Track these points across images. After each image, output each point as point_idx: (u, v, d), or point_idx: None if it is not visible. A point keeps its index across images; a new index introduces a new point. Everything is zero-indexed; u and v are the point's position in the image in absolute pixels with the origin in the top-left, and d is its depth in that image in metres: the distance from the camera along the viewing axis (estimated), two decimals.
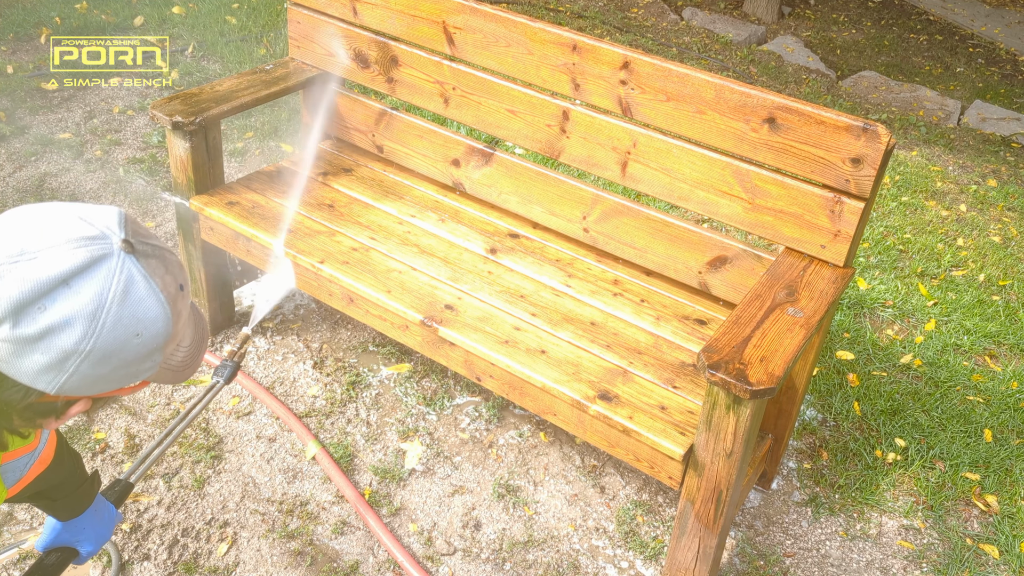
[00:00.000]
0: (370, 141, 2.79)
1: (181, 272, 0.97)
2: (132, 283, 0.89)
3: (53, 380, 0.88)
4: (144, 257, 0.91)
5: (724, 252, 2.23)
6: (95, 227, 0.89)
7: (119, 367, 0.91)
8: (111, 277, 0.88)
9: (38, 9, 4.79)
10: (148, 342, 0.92)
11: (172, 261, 0.95)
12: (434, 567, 2.21)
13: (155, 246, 0.93)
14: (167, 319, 0.92)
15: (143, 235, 0.93)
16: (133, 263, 0.89)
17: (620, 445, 1.99)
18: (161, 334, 0.92)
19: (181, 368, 1.03)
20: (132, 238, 0.91)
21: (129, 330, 0.89)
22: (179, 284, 0.95)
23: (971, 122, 5.57)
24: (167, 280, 0.93)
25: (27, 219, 0.89)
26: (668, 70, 2.12)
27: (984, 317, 3.34)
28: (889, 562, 2.36)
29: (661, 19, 6.47)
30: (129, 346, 0.90)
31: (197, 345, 1.05)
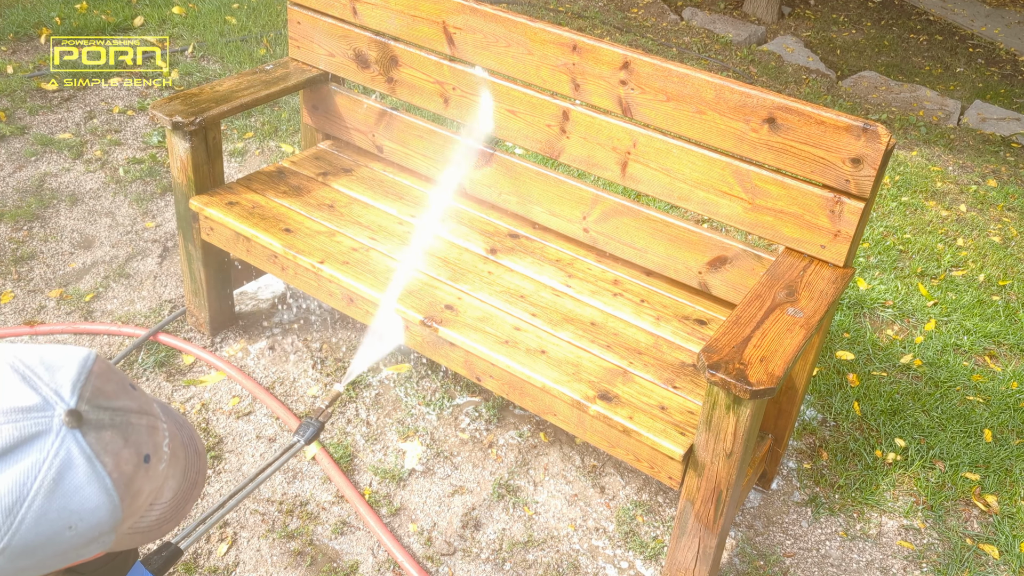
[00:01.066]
0: (370, 141, 2.79)
1: (150, 439, 0.80)
2: (68, 468, 0.73)
3: None
4: (96, 430, 0.75)
5: (724, 252, 2.23)
6: (37, 392, 0.74)
7: (48, 558, 0.75)
8: (41, 463, 0.72)
9: (38, 9, 4.79)
10: (86, 532, 0.75)
11: (138, 428, 0.79)
12: (434, 567, 2.21)
13: (117, 411, 0.77)
14: (113, 507, 0.76)
15: (106, 396, 0.77)
16: (76, 441, 0.73)
17: (620, 445, 1.99)
18: (104, 523, 0.76)
19: (157, 525, 0.86)
20: (86, 404, 0.75)
21: (58, 523, 0.73)
22: (143, 455, 0.79)
23: (971, 122, 5.57)
24: (124, 456, 0.76)
25: None
26: (668, 70, 2.12)
27: (984, 317, 3.34)
28: (889, 562, 2.36)
29: (661, 19, 6.47)
30: (59, 539, 0.74)
31: (184, 494, 0.89)
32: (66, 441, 0.73)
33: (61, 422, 0.73)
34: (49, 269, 3.07)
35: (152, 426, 0.81)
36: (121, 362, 2.70)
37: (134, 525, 0.82)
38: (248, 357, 2.78)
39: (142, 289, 3.02)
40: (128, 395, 0.80)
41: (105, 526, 0.77)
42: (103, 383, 0.78)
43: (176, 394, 2.63)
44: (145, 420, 0.80)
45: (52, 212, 3.35)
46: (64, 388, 0.75)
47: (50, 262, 3.10)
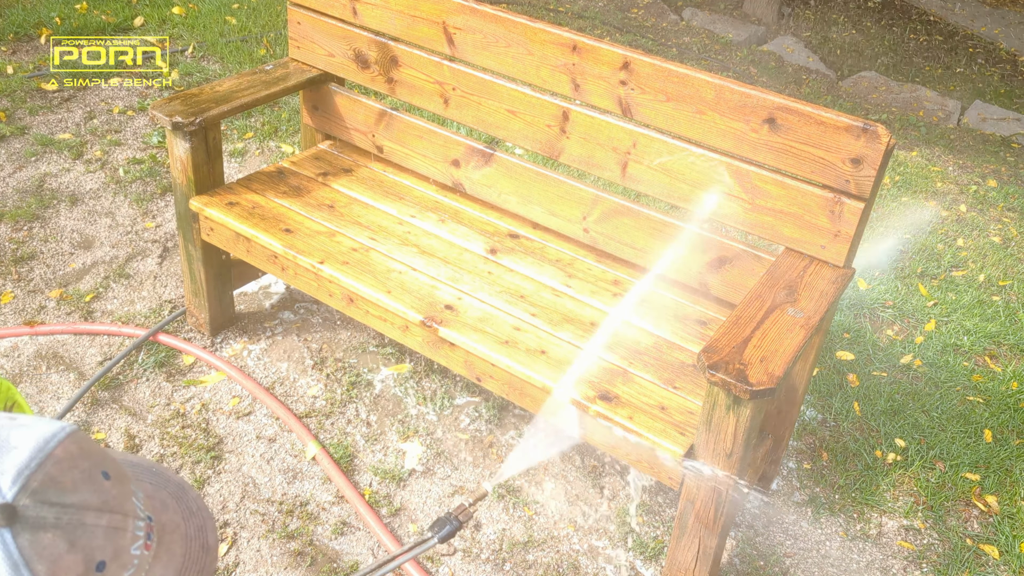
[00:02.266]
0: (370, 141, 2.79)
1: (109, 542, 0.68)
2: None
3: None
4: (32, 530, 0.63)
5: (724, 252, 2.23)
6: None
7: None
8: None
9: (38, 9, 4.79)
10: None
11: (92, 530, 0.67)
12: (434, 567, 2.21)
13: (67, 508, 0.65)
14: None
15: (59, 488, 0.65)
16: (3, 543, 0.62)
17: (620, 445, 1.98)
18: None
19: None
20: (28, 498, 0.63)
21: None
22: (94, 562, 0.66)
23: (971, 122, 5.57)
24: (64, 564, 0.64)
25: None
26: (668, 70, 2.12)
27: (984, 317, 3.34)
28: (889, 562, 2.36)
29: (661, 19, 6.47)
30: None
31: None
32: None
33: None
34: (49, 269, 3.07)
35: (116, 527, 0.68)
36: (121, 362, 2.70)
37: None
38: (248, 357, 2.78)
39: (142, 289, 3.02)
40: (93, 487, 0.68)
41: None
42: (61, 471, 0.66)
43: (176, 394, 2.63)
44: (106, 519, 0.67)
45: (52, 212, 3.35)
46: (5, 475, 0.63)
47: (50, 262, 3.10)
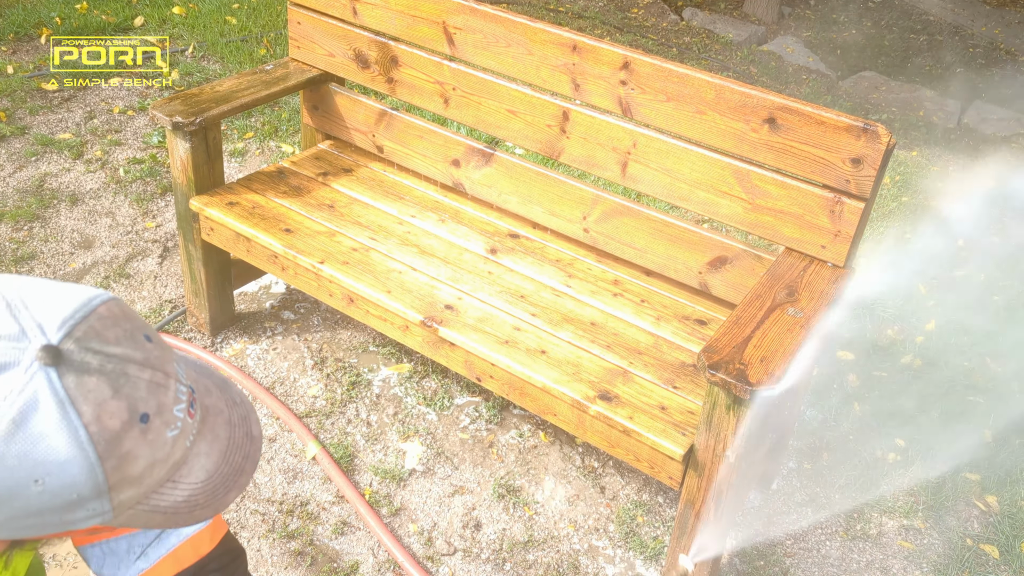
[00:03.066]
0: (370, 141, 2.79)
1: (154, 398, 0.69)
2: (33, 410, 0.63)
3: None
4: (78, 373, 0.65)
5: (724, 252, 2.23)
6: (17, 321, 0.65)
7: (20, 516, 0.66)
8: (2, 397, 0.63)
9: (38, 9, 4.79)
10: (60, 493, 0.65)
11: (136, 381, 0.68)
12: (434, 567, 2.21)
13: (113, 357, 0.67)
14: (89, 466, 0.65)
15: (103, 340, 0.68)
16: (48, 381, 0.64)
17: (620, 445, 1.99)
18: (81, 484, 0.66)
19: (188, 509, 0.76)
20: (73, 343, 0.66)
21: (20, 473, 0.64)
22: (139, 414, 0.68)
23: (971, 122, 5.57)
24: (109, 409, 0.66)
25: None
26: (668, 70, 2.12)
27: (984, 317, 3.34)
28: (889, 562, 2.36)
29: (661, 19, 6.47)
30: (26, 494, 0.65)
31: (224, 480, 0.78)
32: (36, 378, 0.64)
33: (34, 356, 0.64)
34: (49, 269, 3.07)
35: (158, 383, 0.70)
36: None
37: (150, 501, 0.72)
38: (248, 357, 2.78)
39: (142, 289, 3.02)
40: (135, 344, 0.70)
41: (83, 488, 0.66)
42: (104, 326, 0.68)
43: None
44: (148, 374, 0.69)
45: (52, 212, 3.35)
46: (51, 321, 0.66)
47: (50, 262, 3.10)
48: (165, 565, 1.06)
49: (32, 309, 0.66)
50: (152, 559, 1.05)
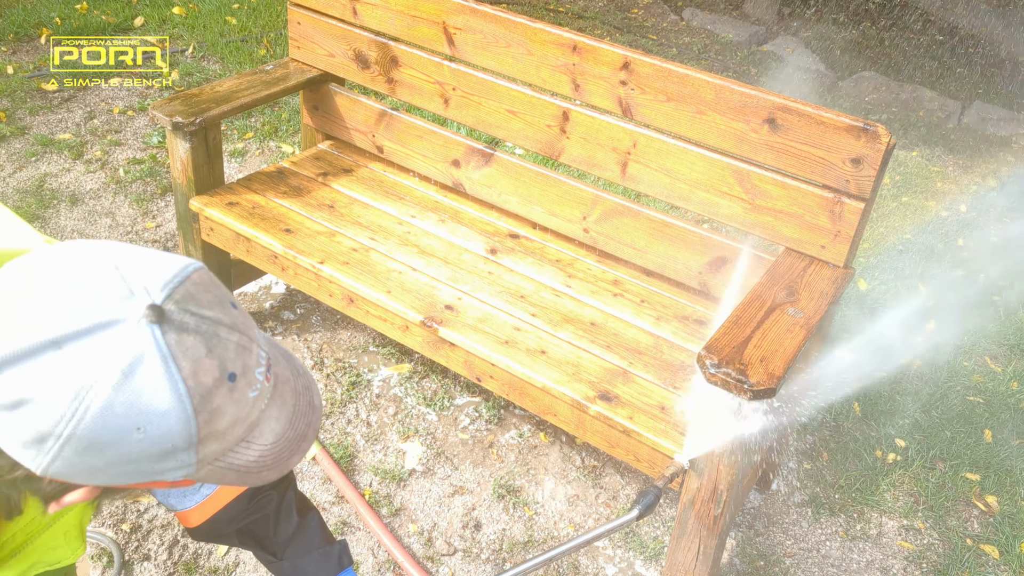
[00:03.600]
0: (370, 141, 2.79)
1: (240, 359, 0.75)
2: (140, 362, 0.69)
3: (35, 459, 0.71)
4: (178, 331, 0.71)
5: (724, 252, 2.23)
6: (126, 283, 0.71)
7: (119, 462, 0.72)
8: (113, 351, 0.68)
9: (38, 9, 4.79)
10: (157, 441, 0.71)
11: (226, 342, 0.74)
12: (434, 567, 2.21)
13: (205, 319, 0.73)
14: (186, 418, 0.71)
15: (198, 303, 0.74)
16: (153, 336, 0.70)
17: (620, 445, 1.99)
18: (176, 434, 0.71)
19: (257, 470, 0.81)
20: (173, 304, 0.71)
21: (125, 421, 0.69)
22: (227, 373, 0.74)
23: (971, 122, 5.57)
24: (203, 366, 0.72)
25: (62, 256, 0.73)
26: (668, 70, 2.12)
27: (984, 317, 3.34)
28: (889, 562, 2.36)
29: (661, 19, 6.47)
30: (127, 440, 0.70)
31: (290, 444, 0.82)
32: (143, 334, 0.69)
33: (141, 314, 0.70)
34: None
35: (244, 346, 0.76)
36: None
37: (227, 458, 0.77)
38: None
39: None
40: (224, 309, 0.76)
41: (177, 438, 0.72)
42: (198, 291, 0.74)
43: None
44: (236, 337, 0.75)
45: (52, 212, 3.35)
46: (154, 284, 0.71)
47: None
48: (225, 489, 1.16)
49: (137, 272, 0.72)
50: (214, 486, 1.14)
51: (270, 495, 1.24)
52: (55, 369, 0.68)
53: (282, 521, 1.26)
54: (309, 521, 1.30)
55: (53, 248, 0.75)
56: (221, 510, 1.20)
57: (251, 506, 1.23)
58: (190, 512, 1.20)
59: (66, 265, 0.72)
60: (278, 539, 1.27)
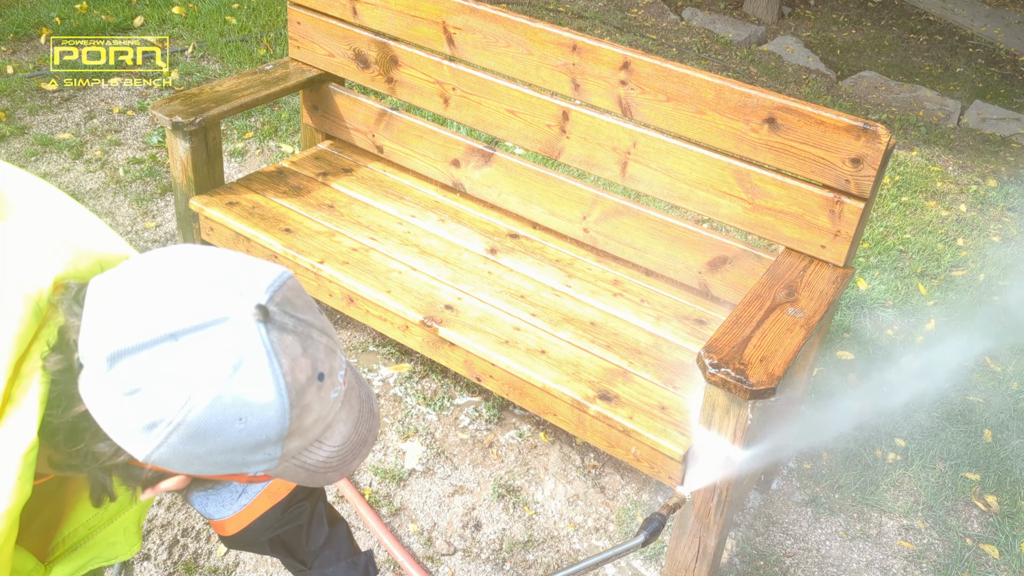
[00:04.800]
0: (370, 141, 2.79)
1: (328, 361, 0.81)
2: (248, 357, 0.75)
3: (143, 445, 0.77)
4: (279, 331, 0.77)
5: (724, 252, 2.23)
6: (235, 285, 0.78)
7: (217, 451, 0.77)
8: (225, 345, 0.75)
9: (38, 9, 4.79)
10: (254, 432, 0.77)
11: (319, 344, 0.81)
12: (434, 567, 2.21)
13: (302, 322, 0.79)
14: (282, 411, 0.77)
15: (294, 306, 0.80)
16: (259, 334, 0.76)
17: (620, 445, 1.99)
18: (272, 426, 0.77)
19: (323, 471, 0.86)
20: (275, 306, 0.78)
21: (231, 411, 0.75)
22: (317, 373, 0.80)
23: (971, 122, 5.57)
24: (300, 364, 0.78)
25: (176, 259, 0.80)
26: (668, 70, 2.12)
27: (984, 317, 3.34)
28: (889, 562, 2.36)
29: (661, 19, 6.47)
30: (229, 430, 0.76)
31: (353, 447, 0.88)
32: (251, 331, 0.75)
33: (250, 313, 0.76)
34: None
35: (331, 348, 0.82)
36: None
37: (301, 456, 0.82)
38: None
39: None
40: (314, 314, 0.83)
41: (271, 431, 0.77)
42: (294, 295, 0.81)
43: None
44: (325, 340, 0.82)
45: None
46: (258, 287, 0.78)
47: None
48: (261, 500, 1.21)
49: (242, 276, 0.79)
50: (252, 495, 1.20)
51: (303, 506, 1.28)
52: (172, 360, 0.74)
53: (314, 531, 1.31)
54: (338, 532, 1.34)
55: (167, 252, 0.82)
56: (257, 519, 1.24)
57: (285, 516, 1.27)
58: (227, 521, 1.23)
59: (180, 266, 0.79)
60: (309, 548, 1.31)
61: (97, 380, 0.76)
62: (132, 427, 0.76)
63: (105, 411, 0.77)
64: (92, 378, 0.77)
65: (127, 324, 0.75)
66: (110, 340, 0.76)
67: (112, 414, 0.77)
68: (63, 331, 0.81)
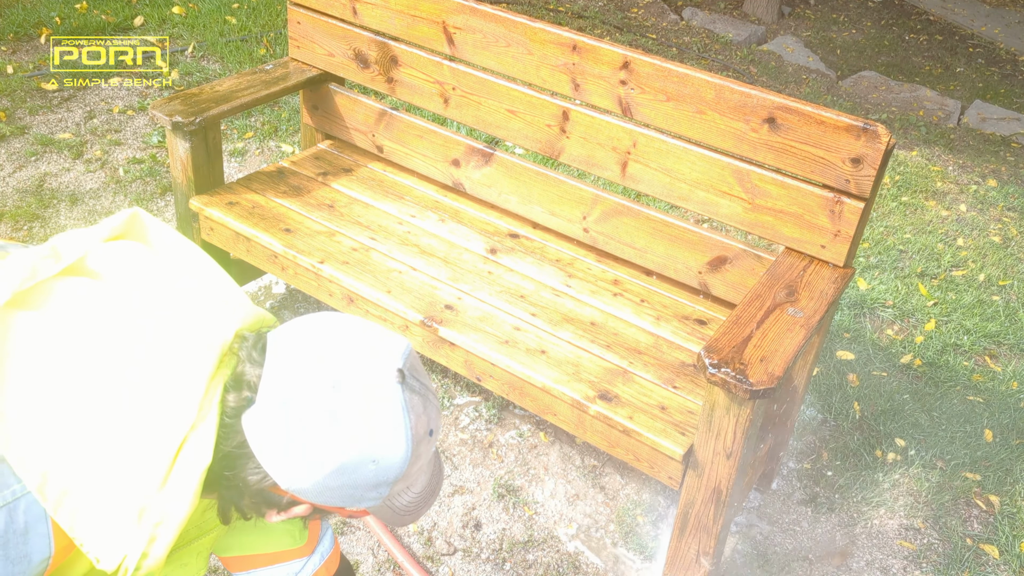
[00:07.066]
0: (370, 141, 2.79)
1: (437, 419, 0.98)
2: (388, 410, 0.91)
3: (293, 476, 0.91)
4: (409, 391, 0.93)
5: (724, 252, 2.23)
6: (379, 350, 0.94)
7: (348, 486, 0.92)
8: (372, 397, 0.91)
9: (38, 9, 4.79)
10: (381, 473, 0.92)
11: (432, 405, 0.97)
12: (434, 567, 2.21)
13: (423, 385, 0.96)
14: (405, 458, 0.93)
15: (417, 372, 0.96)
16: (398, 393, 0.92)
17: (620, 445, 1.99)
18: (395, 468, 0.93)
19: (404, 512, 1.02)
20: (407, 369, 0.94)
21: (369, 452, 0.91)
22: (429, 429, 0.96)
23: (971, 122, 5.57)
24: (422, 420, 0.94)
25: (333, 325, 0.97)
26: (668, 70, 2.12)
27: (984, 317, 3.34)
28: (889, 562, 2.36)
29: (661, 19, 6.47)
30: (363, 469, 0.91)
31: (426, 496, 1.04)
32: (393, 390, 0.91)
33: (393, 375, 0.92)
34: None
35: (439, 409, 0.99)
36: None
37: (394, 498, 0.98)
38: None
39: None
40: (428, 380, 0.99)
41: (391, 473, 0.93)
42: (416, 362, 0.98)
43: None
44: (435, 401, 0.98)
45: (52, 212, 3.35)
46: (395, 353, 0.95)
47: None
48: None
49: (382, 343, 0.96)
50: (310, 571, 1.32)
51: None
52: (332, 407, 0.90)
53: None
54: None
55: (326, 318, 1.00)
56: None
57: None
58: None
59: (338, 331, 0.96)
60: None
61: (269, 417, 0.91)
62: (292, 459, 0.90)
63: (269, 443, 0.91)
64: (264, 415, 0.92)
65: (300, 375, 0.91)
66: (287, 386, 0.91)
67: (276, 446, 0.91)
68: (239, 374, 0.96)
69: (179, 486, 0.91)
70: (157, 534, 0.90)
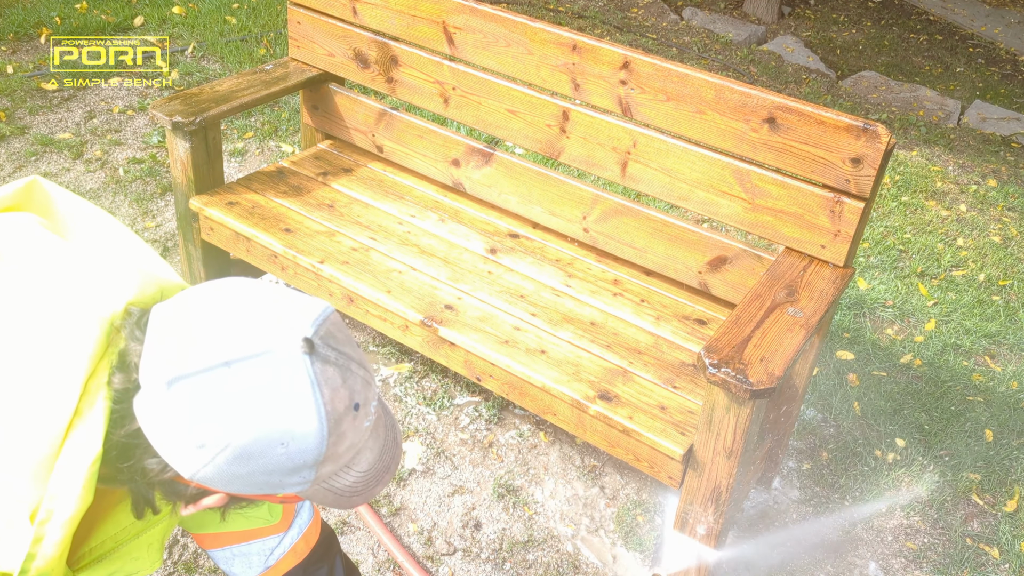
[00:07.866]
0: (370, 141, 2.79)
1: (366, 390, 0.87)
2: (294, 386, 0.80)
3: (188, 464, 0.82)
4: (322, 362, 0.82)
5: (724, 252, 2.23)
6: (284, 320, 0.83)
7: (258, 472, 0.83)
8: (274, 374, 0.80)
9: (38, 9, 4.79)
10: (295, 456, 0.82)
11: (356, 376, 0.86)
12: (434, 567, 2.21)
13: (343, 354, 0.85)
14: (320, 438, 0.82)
15: (335, 341, 0.85)
16: (305, 365, 0.81)
17: (620, 445, 1.99)
18: (312, 450, 0.82)
19: (348, 495, 0.92)
20: (319, 339, 0.83)
21: (275, 435, 0.80)
22: (354, 403, 0.85)
23: (971, 122, 5.57)
24: (339, 395, 0.83)
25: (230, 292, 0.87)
26: (668, 70, 2.12)
27: (984, 317, 3.34)
28: (889, 562, 2.36)
29: (661, 19, 6.47)
30: (272, 453, 0.81)
31: (377, 474, 0.93)
32: (297, 362, 0.81)
33: (298, 345, 0.81)
34: None
35: (367, 380, 0.88)
36: None
37: (329, 480, 0.88)
38: None
39: None
40: (353, 347, 0.88)
41: (308, 456, 0.82)
42: (335, 329, 0.87)
43: None
44: (362, 373, 0.87)
45: None
46: (304, 321, 0.83)
47: None
48: (287, 560, 1.27)
49: (291, 310, 0.85)
50: (277, 556, 1.26)
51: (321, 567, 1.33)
52: (225, 386, 0.80)
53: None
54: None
55: (221, 284, 0.89)
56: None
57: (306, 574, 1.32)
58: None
59: (234, 300, 0.85)
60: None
61: (154, 401, 0.82)
62: (183, 446, 0.81)
63: (158, 430, 0.82)
64: (149, 399, 0.82)
65: (185, 351, 0.81)
66: (170, 365, 0.81)
67: (165, 433, 0.82)
68: (124, 353, 0.87)
69: (65, 480, 0.83)
70: (43, 532, 0.83)
